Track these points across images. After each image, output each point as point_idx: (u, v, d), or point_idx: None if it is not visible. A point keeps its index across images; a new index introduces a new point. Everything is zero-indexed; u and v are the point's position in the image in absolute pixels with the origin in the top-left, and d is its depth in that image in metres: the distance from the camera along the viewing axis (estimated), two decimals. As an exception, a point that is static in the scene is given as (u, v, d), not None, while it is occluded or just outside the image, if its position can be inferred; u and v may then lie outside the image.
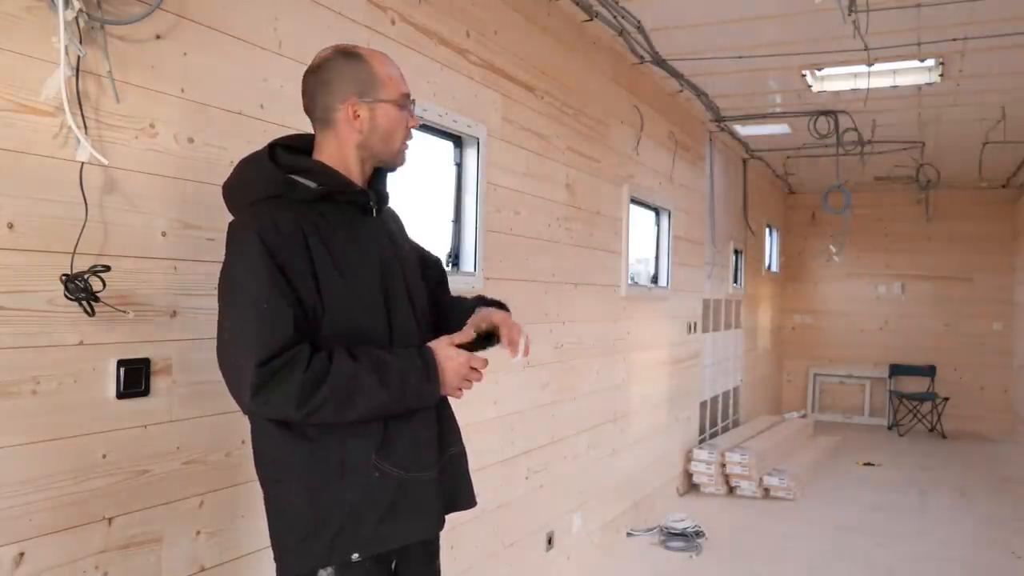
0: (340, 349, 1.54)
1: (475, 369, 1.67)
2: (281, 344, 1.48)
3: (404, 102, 1.69)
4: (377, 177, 1.75)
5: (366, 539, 1.58)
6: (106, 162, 1.73)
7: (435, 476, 1.68)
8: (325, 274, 1.56)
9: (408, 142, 1.73)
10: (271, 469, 1.63)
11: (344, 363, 1.52)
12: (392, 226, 1.82)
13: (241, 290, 1.53)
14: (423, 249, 1.97)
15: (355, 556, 1.58)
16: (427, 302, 1.84)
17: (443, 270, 2.00)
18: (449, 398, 1.80)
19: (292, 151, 1.68)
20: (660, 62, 4.75)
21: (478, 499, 1.91)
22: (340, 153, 1.68)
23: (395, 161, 1.73)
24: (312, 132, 1.73)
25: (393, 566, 1.70)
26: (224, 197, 1.71)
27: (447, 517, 1.77)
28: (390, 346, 1.65)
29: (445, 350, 1.66)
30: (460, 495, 1.80)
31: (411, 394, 1.59)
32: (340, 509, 1.57)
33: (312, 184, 1.62)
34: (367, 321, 1.62)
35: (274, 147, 1.68)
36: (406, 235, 1.92)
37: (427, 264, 1.93)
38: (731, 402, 7.51)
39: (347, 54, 1.67)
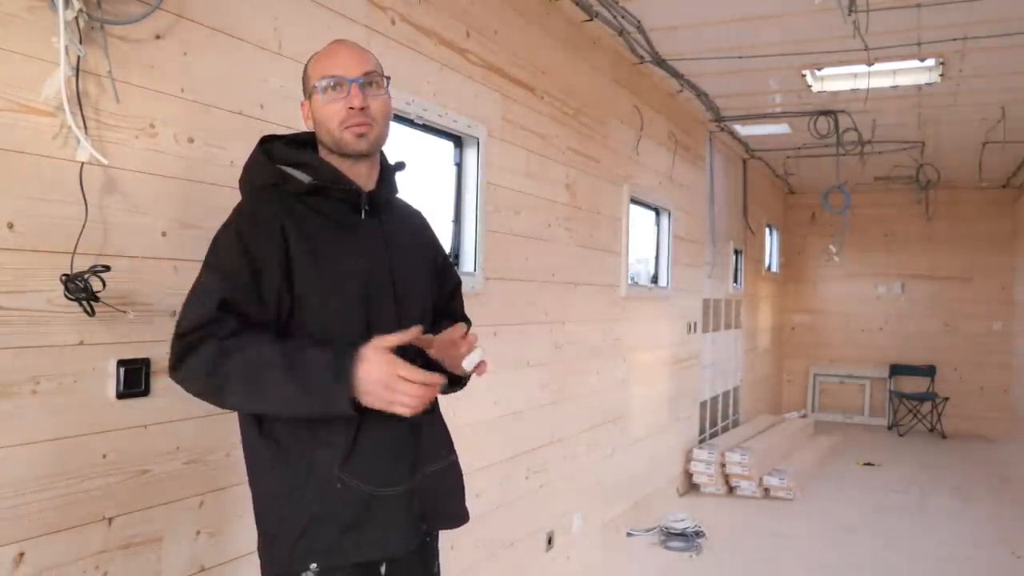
0: (266, 330, 1.50)
1: (406, 380, 1.42)
2: (206, 317, 1.46)
3: (325, 83, 1.59)
4: (383, 178, 1.71)
5: (325, 551, 1.55)
6: (106, 162, 1.73)
7: (406, 491, 1.61)
8: (301, 267, 1.54)
9: (353, 123, 1.59)
10: (250, 463, 1.63)
11: (261, 342, 1.45)
12: (401, 231, 1.75)
13: (202, 268, 1.54)
14: (447, 262, 1.91)
15: (313, 566, 1.54)
16: (427, 315, 1.77)
17: (457, 287, 1.94)
18: (441, 407, 1.76)
19: (296, 145, 1.67)
20: (660, 62, 4.75)
21: (479, 499, 1.89)
22: (322, 151, 1.68)
23: (343, 147, 1.61)
24: None
25: (383, 571, 1.66)
26: (239, 190, 1.70)
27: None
28: None
29: (367, 352, 1.44)
30: (443, 511, 1.73)
31: (316, 393, 1.42)
32: (302, 516, 1.55)
33: (305, 178, 1.61)
34: (340, 321, 1.58)
35: (272, 140, 1.67)
36: (424, 242, 1.85)
37: (444, 277, 1.89)
38: (731, 402, 7.51)
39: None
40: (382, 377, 1.42)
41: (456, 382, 1.75)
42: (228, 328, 1.46)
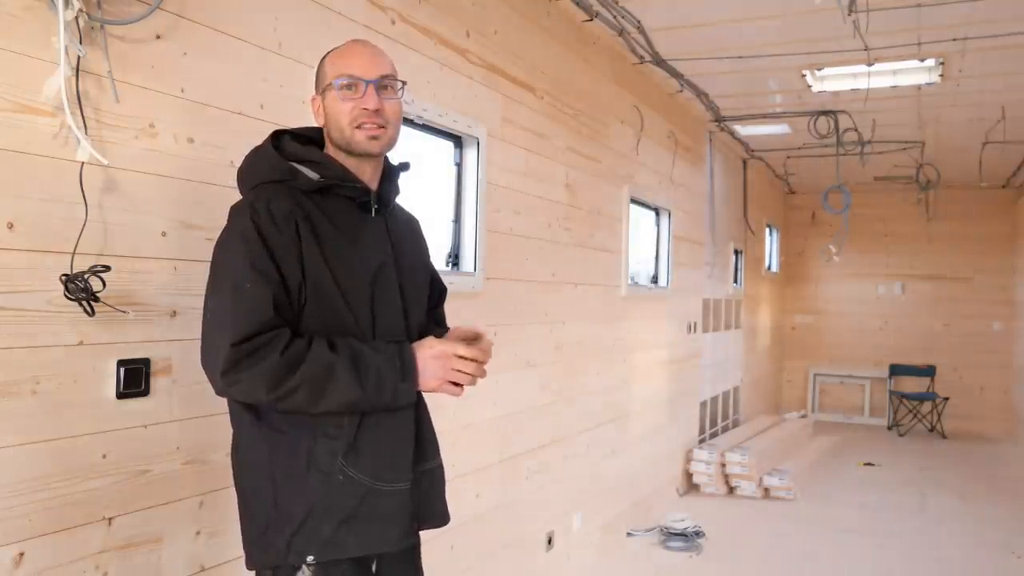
0: (320, 337, 1.53)
1: (463, 359, 1.60)
2: (259, 325, 1.47)
3: (342, 82, 1.60)
4: (387, 178, 1.73)
5: (324, 542, 1.55)
6: (106, 162, 1.73)
7: (406, 488, 1.63)
8: (312, 265, 1.55)
9: (366, 124, 1.61)
10: (242, 457, 1.62)
11: (322, 351, 1.50)
12: (403, 232, 1.79)
13: (225, 269, 1.52)
14: (435, 270, 1.95)
15: (310, 559, 1.55)
16: (424, 316, 1.83)
17: (443, 294, 1.97)
18: (431, 405, 1.78)
19: (304, 141, 1.68)
20: (660, 62, 4.75)
21: (479, 499, 1.90)
22: (329, 148, 1.69)
23: (353, 146, 1.63)
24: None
25: (374, 568, 1.67)
26: (237, 182, 1.71)
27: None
28: None
29: (425, 348, 1.61)
30: (430, 512, 1.75)
31: (386, 393, 1.55)
32: (301, 507, 1.55)
33: (314, 175, 1.61)
34: (349, 319, 1.60)
35: (281, 135, 1.68)
36: (422, 247, 1.89)
37: (434, 283, 1.92)
38: (731, 402, 7.51)
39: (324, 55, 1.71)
40: (443, 364, 1.60)
41: None
42: (284, 339, 1.48)
